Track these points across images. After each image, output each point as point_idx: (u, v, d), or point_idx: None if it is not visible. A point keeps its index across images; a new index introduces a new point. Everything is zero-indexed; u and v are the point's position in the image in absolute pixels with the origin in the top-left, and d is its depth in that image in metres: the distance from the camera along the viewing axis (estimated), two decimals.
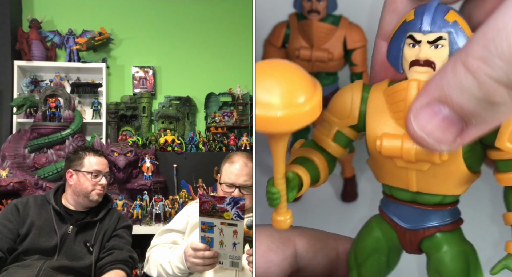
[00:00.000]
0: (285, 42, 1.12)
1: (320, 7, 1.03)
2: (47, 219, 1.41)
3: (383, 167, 0.49)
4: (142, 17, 3.03)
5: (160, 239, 1.34)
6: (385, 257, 0.52)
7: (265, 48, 1.15)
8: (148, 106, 2.92)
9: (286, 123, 0.40)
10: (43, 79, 2.84)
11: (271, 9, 1.19)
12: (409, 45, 0.44)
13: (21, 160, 2.34)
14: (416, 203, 0.48)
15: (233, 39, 3.07)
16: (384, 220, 0.52)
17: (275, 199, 0.47)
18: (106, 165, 1.55)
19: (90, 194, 1.46)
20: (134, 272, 2.22)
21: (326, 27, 1.05)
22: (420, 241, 0.50)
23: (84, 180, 1.46)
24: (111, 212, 1.54)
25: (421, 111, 0.37)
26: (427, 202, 0.48)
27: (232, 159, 1.34)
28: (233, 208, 1.01)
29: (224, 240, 1.06)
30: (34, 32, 2.75)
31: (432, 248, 0.49)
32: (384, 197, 0.52)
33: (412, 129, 0.39)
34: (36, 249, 1.35)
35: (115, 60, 3.00)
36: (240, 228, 1.03)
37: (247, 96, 2.94)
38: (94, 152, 1.54)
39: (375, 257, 0.53)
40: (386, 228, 0.52)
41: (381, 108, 0.48)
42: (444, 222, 0.48)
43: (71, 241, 1.40)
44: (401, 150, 0.44)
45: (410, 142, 0.43)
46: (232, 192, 1.29)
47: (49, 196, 1.47)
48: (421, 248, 0.50)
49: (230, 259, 1.11)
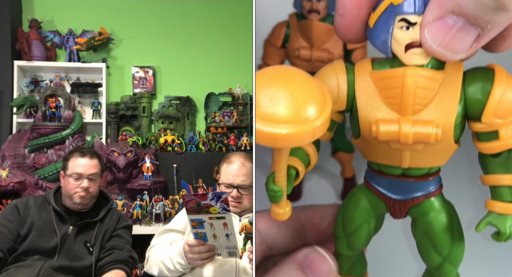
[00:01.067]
0: (285, 42, 1.12)
1: (320, 7, 1.03)
2: (47, 219, 1.41)
3: (376, 148, 0.51)
4: (142, 17, 3.03)
5: (160, 239, 1.34)
6: (373, 224, 0.56)
7: (265, 48, 1.15)
8: (148, 106, 2.92)
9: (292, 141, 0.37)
10: (43, 79, 2.84)
11: (271, 9, 1.19)
12: (402, 28, 0.44)
13: (21, 160, 2.34)
14: (405, 176, 0.52)
15: (233, 39, 3.07)
16: (372, 191, 0.55)
17: (278, 196, 0.48)
18: (92, 166, 1.49)
19: (73, 197, 1.44)
20: (134, 272, 2.22)
21: (326, 27, 1.05)
22: (409, 209, 0.54)
23: (67, 182, 1.46)
24: (111, 212, 1.53)
25: (435, 25, 0.38)
26: (415, 175, 0.51)
27: (230, 159, 1.35)
28: (218, 202, 1.03)
29: (216, 233, 1.08)
30: (34, 32, 2.75)
31: (419, 213, 0.54)
32: (370, 171, 0.54)
33: (428, 45, 0.40)
34: (36, 250, 1.35)
35: (115, 60, 3.00)
36: (229, 220, 1.06)
37: (247, 96, 2.94)
38: (81, 153, 1.50)
39: (364, 226, 0.56)
40: (373, 199, 0.55)
41: (371, 93, 0.48)
42: (430, 190, 0.53)
43: (71, 241, 1.40)
44: (398, 135, 0.46)
45: (408, 126, 0.46)
46: (230, 192, 1.29)
47: (49, 196, 1.46)
48: (408, 214, 0.55)
49: (227, 250, 1.14)
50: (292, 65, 1.12)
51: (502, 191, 0.50)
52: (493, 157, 0.51)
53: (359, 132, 0.51)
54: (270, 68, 0.41)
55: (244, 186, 1.29)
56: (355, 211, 0.56)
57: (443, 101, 0.48)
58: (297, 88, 0.38)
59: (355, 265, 0.61)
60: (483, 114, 0.47)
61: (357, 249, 0.58)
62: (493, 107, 0.47)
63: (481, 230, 0.50)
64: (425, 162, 0.51)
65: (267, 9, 1.23)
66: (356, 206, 0.57)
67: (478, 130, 0.49)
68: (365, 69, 0.49)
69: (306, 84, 0.40)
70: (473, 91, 0.47)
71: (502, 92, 0.46)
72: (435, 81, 0.47)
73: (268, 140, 0.37)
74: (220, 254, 1.15)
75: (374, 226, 0.57)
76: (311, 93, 0.39)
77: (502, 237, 0.51)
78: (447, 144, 0.49)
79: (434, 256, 0.54)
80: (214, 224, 1.07)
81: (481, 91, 0.47)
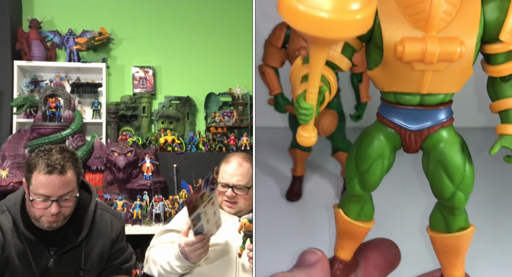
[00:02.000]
0: (286, 43, 1.13)
1: None
2: (21, 253, 1.11)
3: (398, 73, 0.51)
4: (142, 17, 3.03)
5: (160, 239, 1.34)
6: (387, 160, 0.57)
7: (266, 48, 1.15)
8: (148, 106, 2.92)
9: (332, 28, 0.37)
10: (43, 79, 2.84)
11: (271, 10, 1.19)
12: None
13: (21, 160, 2.34)
14: (421, 105, 0.53)
15: (233, 39, 3.08)
16: (387, 125, 0.56)
17: (308, 115, 0.48)
18: (63, 185, 1.08)
19: (40, 220, 1.10)
20: (134, 272, 2.22)
21: None
22: (423, 139, 0.55)
23: (29, 202, 1.10)
24: (98, 219, 1.22)
25: None
26: (431, 103, 0.53)
27: (228, 159, 1.36)
28: (207, 187, 1.06)
29: (208, 217, 1.10)
30: (34, 32, 2.75)
31: (434, 143, 0.55)
32: (385, 104, 0.55)
33: None
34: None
35: (115, 60, 3.00)
36: (215, 196, 1.11)
37: (247, 96, 2.94)
38: (45, 166, 1.07)
39: (378, 162, 0.57)
40: (389, 133, 0.56)
41: (394, 12, 0.49)
42: (445, 119, 0.54)
43: (55, 273, 1.14)
44: (424, 53, 0.47)
45: (434, 44, 0.46)
46: (225, 191, 1.30)
47: (17, 217, 1.11)
48: (422, 147, 0.56)
49: (215, 226, 1.17)
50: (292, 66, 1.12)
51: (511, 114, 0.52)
52: (503, 81, 0.53)
53: (379, 60, 0.51)
54: None
55: (239, 186, 1.30)
56: (370, 148, 0.57)
57: (466, 19, 0.48)
58: None
59: (364, 207, 0.61)
60: (502, 31, 0.48)
61: (370, 188, 0.59)
62: (509, 24, 0.48)
63: (495, 152, 0.52)
64: (444, 87, 0.52)
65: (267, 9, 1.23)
66: (371, 142, 0.57)
67: (494, 51, 0.51)
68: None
69: None
70: (492, 8, 0.49)
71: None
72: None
73: (310, 24, 0.37)
74: (212, 234, 1.17)
75: (387, 162, 0.57)
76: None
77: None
78: (466, 65, 0.50)
79: (447, 186, 0.56)
80: (207, 210, 1.09)
81: (499, 9, 0.49)
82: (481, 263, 0.98)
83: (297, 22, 0.38)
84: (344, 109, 1.21)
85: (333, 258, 0.65)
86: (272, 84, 1.18)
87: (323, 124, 1.03)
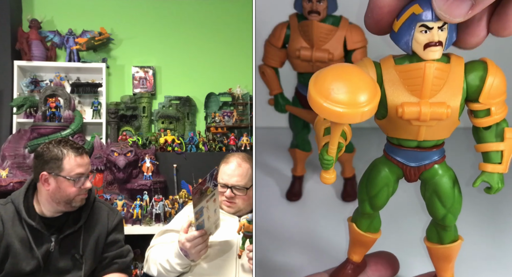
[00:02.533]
0: (286, 43, 1.13)
1: (320, 7, 1.03)
2: (22, 238, 1.20)
3: (399, 126, 0.67)
4: (142, 17, 3.04)
5: (160, 239, 1.34)
6: (391, 187, 0.73)
7: (266, 48, 1.15)
8: (148, 106, 2.92)
9: (346, 118, 0.54)
10: (43, 79, 2.84)
11: (271, 10, 1.19)
12: (421, 32, 0.60)
13: (21, 160, 2.34)
14: (419, 148, 0.69)
15: (233, 39, 3.08)
16: (391, 161, 0.72)
17: (330, 164, 0.65)
18: (88, 163, 1.30)
19: (73, 200, 1.24)
20: (134, 272, 2.22)
21: (327, 27, 1.05)
22: (421, 173, 0.72)
23: (65, 186, 1.22)
24: (97, 211, 1.33)
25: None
26: (426, 146, 0.69)
27: (228, 159, 1.36)
28: (211, 181, 1.08)
29: (209, 213, 1.11)
30: (34, 32, 2.75)
31: (429, 177, 0.71)
32: (390, 145, 0.72)
33: (434, 9, 0.55)
34: (18, 273, 1.20)
35: (115, 60, 3.00)
36: (217, 193, 1.12)
37: (247, 96, 2.94)
38: (74, 149, 1.26)
39: (384, 189, 0.73)
40: (393, 167, 0.72)
41: (396, 82, 0.65)
42: (437, 158, 0.70)
43: (55, 258, 1.23)
44: (419, 114, 0.63)
45: (426, 107, 0.62)
46: (224, 191, 1.30)
47: (19, 206, 1.22)
48: (420, 178, 0.72)
49: (214, 225, 1.17)
50: (292, 65, 1.12)
51: (491, 155, 0.68)
52: (485, 129, 0.68)
53: (384, 114, 0.67)
54: (339, 67, 0.57)
55: (238, 187, 1.30)
56: (378, 177, 0.73)
57: (451, 87, 0.64)
58: (356, 83, 0.55)
59: (373, 222, 0.79)
60: (481, 96, 0.64)
61: (378, 208, 0.75)
62: (488, 90, 0.64)
63: (477, 185, 0.68)
64: (436, 135, 0.67)
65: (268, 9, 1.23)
66: (378, 173, 0.73)
67: (476, 109, 0.66)
68: (389, 64, 0.66)
69: (363, 80, 0.56)
70: (472, 78, 0.64)
71: (493, 80, 0.63)
72: (445, 72, 0.63)
73: (331, 115, 0.54)
74: (211, 233, 1.17)
75: (392, 189, 0.73)
76: (366, 87, 0.55)
77: (492, 190, 0.68)
78: (453, 120, 0.66)
79: (440, 209, 0.71)
80: (209, 206, 1.09)
81: (478, 79, 0.64)
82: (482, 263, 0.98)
83: (322, 113, 0.55)
84: None
85: (346, 260, 0.82)
86: (272, 84, 1.18)
87: None
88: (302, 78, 1.14)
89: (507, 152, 0.68)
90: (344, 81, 0.54)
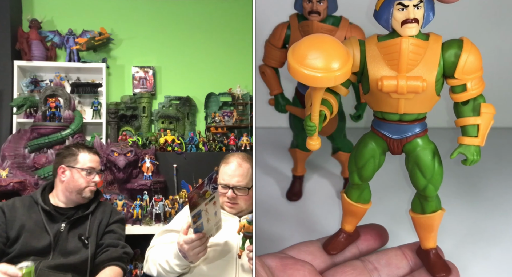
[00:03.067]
0: (286, 43, 1.13)
1: (320, 8, 1.03)
2: (37, 220, 1.40)
3: (381, 99, 0.75)
4: (142, 17, 3.03)
5: (160, 239, 1.34)
6: (377, 159, 0.80)
7: (266, 48, 1.15)
8: (148, 106, 2.92)
9: (322, 81, 0.62)
10: (43, 79, 2.84)
11: (271, 10, 1.19)
12: (399, 10, 0.69)
13: (21, 160, 2.34)
14: (401, 121, 0.77)
15: (233, 39, 3.07)
16: (377, 135, 0.79)
17: (313, 130, 0.72)
18: (99, 162, 1.55)
19: (83, 191, 1.46)
20: (134, 272, 2.22)
21: (327, 28, 1.05)
22: (403, 145, 0.78)
23: (78, 176, 1.46)
24: (103, 205, 1.53)
25: None
26: (408, 119, 0.76)
27: (228, 159, 1.35)
28: (210, 185, 1.07)
29: (209, 216, 1.10)
30: (34, 32, 2.75)
31: (411, 149, 0.77)
32: (376, 119, 0.80)
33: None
34: (30, 251, 1.34)
35: (115, 60, 3.00)
36: (217, 196, 1.12)
37: (247, 96, 2.94)
38: (88, 149, 1.54)
39: (371, 161, 0.80)
40: (378, 140, 0.79)
41: (377, 58, 0.73)
42: (419, 131, 0.78)
43: (65, 239, 1.39)
44: (396, 87, 0.71)
45: (403, 80, 0.70)
46: (226, 192, 1.29)
47: (37, 196, 1.45)
48: (403, 150, 0.78)
49: (215, 227, 1.16)
50: None
51: (468, 129, 0.74)
52: (463, 104, 0.75)
53: (368, 88, 0.75)
54: (314, 37, 0.65)
55: (240, 187, 1.29)
56: (365, 150, 0.79)
57: (428, 63, 0.71)
58: (329, 50, 0.61)
59: (362, 193, 0.86)
60: (456, 71, 0.72)
61: (365, 179, 0.82)
62: (462, 66, 0.71)
63: (454, 157, 0.75)
64: (415, 108, 0.75)
65: (268, 9, 1.23)
66: (365, 146, 0.80)
67: (453, 84, 0.74)
68: (373, 41, 0.75)
69: (336, 48, 0.62)
70: (448, 55, 0.72)
71: (467, 56, 0.70)
72: (422, 48, 0.71)
73: (308, 79, 0.61)
74: (211, 235, 1.16)
75: (378, 161, 0.80)
76: (338, 54, 0.62)
77: (468, 161, 0.74)
78: (431, 94, 0.74)
79: (421, 180, 0.77)
80: (208, 208, 1.09)
81: (453, 55, 0.71)
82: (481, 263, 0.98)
83: (300, 78, 0.61)
84: (344, 109, 1.21)
85: (339, 230, 0.88)
86: (272, 84, 1.18)
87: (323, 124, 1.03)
88: None
89: (483, 126, 0.73)
90: (318, 49, 0.61)
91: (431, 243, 0.83)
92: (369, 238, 0.89)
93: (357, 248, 0.89)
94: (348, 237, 0.87)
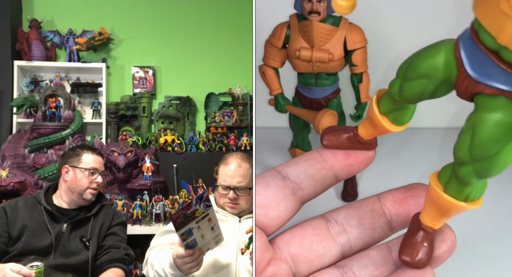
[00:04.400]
0: (286, 43, 1.13)
1: (320, 8, 1.03)
2: (39, 219, 1.41)
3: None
4: (142, 17, 3.03)
5: (160, 240, 1.33)
6: (433, 86, 0.45)
7: (266, 48, 1.15)
8: (148, 106, 2.92)
9: None
10: (43, 79, 2.84)
11: (271, 10, 1.19)
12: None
13: (21, 160, 2.34)
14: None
15: (233, 39, 3.07)
16: (455, 55, 0.42)
17: None
18: (102, 163, 1.57)
19: (85, 192, 1.47)
20: (134, 272, 2.22)
21: (327, 28, 1.05)
22: (475, 94, 0.42)
23: (80, 176, 1.48)
24: (105, 208, 1.54)
25: None
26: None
27: (227, 160, 1.34)
28: (201, 204, 1.03)
29: (203, 232, 1.08)
30: (34, 32, 2.74)
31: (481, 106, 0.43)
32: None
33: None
34: (31, 250, 1.35)
35: (115, 60, 3.00)
36: (212, 213, 1.07)
37: (247, 96, 2.94)
38: (92, 150, 1.56)
39: (423, 81, 0.45)
40: (451, 62, 0.43)
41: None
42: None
43: (66, 239, 1.40)
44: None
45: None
46: (227, 193, 1.29)
47: (40, 196, 1.46)
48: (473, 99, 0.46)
49: (214, 241, 1.14)
50: (292, 65, 1.12)
51: None
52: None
53: None
54: None
55: (241, 187, 1.29)
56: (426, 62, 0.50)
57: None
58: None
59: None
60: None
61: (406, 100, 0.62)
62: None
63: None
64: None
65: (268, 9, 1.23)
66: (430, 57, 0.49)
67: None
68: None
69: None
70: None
71: None
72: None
73: None
74: (209, 248, 1.15)
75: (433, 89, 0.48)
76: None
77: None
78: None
79: None
80: (201, 225, 1.06)
81: None
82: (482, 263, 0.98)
83: None
84: (344, 109, 1.21)
85: None
86: (273, 85, 1.18)
87: (323, 124, 1.03)
88: (302, 78, 1.14)
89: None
90: None
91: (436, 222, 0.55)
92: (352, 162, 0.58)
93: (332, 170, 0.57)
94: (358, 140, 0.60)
